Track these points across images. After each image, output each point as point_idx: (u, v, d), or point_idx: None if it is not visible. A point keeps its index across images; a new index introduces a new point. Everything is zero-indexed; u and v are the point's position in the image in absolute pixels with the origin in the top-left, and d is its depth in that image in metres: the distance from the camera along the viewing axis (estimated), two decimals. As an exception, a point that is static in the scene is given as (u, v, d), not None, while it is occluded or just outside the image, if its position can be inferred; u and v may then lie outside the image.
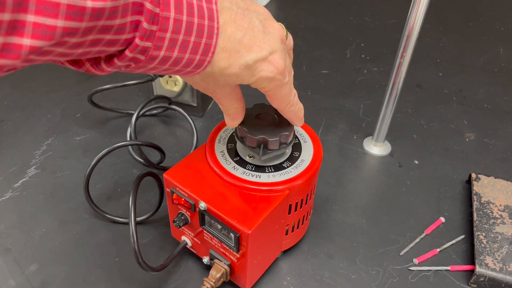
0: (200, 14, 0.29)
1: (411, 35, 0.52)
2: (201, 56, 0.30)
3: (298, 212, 0.45)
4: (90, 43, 0.24)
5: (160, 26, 0.27)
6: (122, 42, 0.26)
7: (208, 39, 0.30)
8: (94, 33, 0.23)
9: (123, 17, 0.24)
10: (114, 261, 0.49)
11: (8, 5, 0.19)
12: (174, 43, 0.28)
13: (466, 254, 0.52)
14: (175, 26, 0.27)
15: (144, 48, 0.27)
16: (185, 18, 0.28)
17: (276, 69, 0.35)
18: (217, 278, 0.43)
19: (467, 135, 0.69)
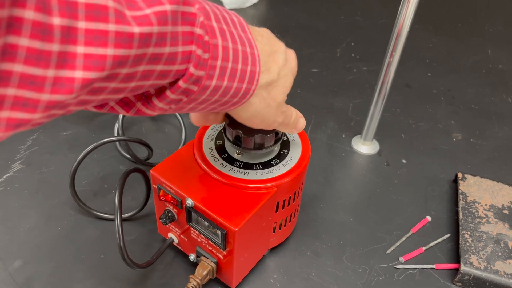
0: (242, 42, 0.29)
1: (401, 34, 0.52)
2: (247, 84, 0.30)
3: (285, 209, 0.45)
4: (142, 75, 0.23)
5: (212, 54, 0.26)
6: (174, 73, 0.25)
7: (252, 66, 0.30)
8: (145, 63, 0.23)
9: (173, 45, 0.24)
10: (100, 258, 0.49)
11: (56, 35, 0.18)
12: (224, 71, 0.28)
13: (451, 252, 0.52)
14: (224, 53, 0.27)
15: (197, 78, 0.26)
16: (231, 45, 0.28)
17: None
18: (203, 276, 0.43)
19: (454, 135, 0.69)
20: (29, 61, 0.18)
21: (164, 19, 0.23)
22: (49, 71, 0.19)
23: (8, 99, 0.18)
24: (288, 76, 0.36)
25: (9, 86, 0.18)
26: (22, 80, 0.18)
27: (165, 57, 0.24)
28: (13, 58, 0.18)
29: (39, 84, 0.19)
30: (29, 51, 0.18)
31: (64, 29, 0.18)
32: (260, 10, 1.00)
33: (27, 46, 0.18)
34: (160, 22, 0.22)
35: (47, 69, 0.19)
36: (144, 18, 0.22)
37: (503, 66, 0.87)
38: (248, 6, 1.00)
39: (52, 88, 0.19)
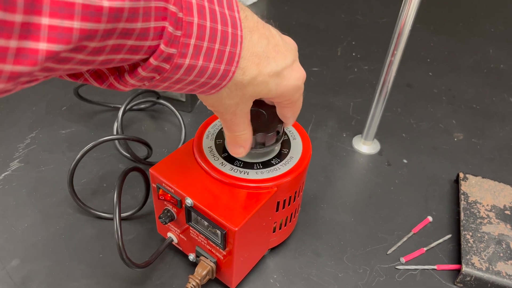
0: (223, 21, 0.28)
1: (402, 33, 0.52)
2: (225, 65, 0.29)
3: (286, 209, 0.45)
4: (112, 49, 0.23)
5: (184, 31, 0.26)
6: (146, 49, 0.25)
7: (232, 47, 0.29)
8: (114, 37, 0.22)
9: (145, 20, 0.23)
10: (99, 257, 0.49)
11: (19, 5, 0.18)
12: (198, 50, 0.27)
13: (452, 253, 0.52)
14: (199, 32, 0.27)
15: (168, 55, 0.26)
16: (208, 24, 0.27)
17: (302, 76, 0.36)
18: (203, 276, 0.42)
19: (455, 134, 0.69)
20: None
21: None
22: (12, 41, 0.18)
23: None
24: (293, 57, 0.36)
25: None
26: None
27: (136, 33, 0.23)
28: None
29: (1, 54, 0.18)
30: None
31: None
32: (260, 8, 1.00)
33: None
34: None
35: (9, 39, 0.18)
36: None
37: (504, 66, 0.87)
38: (248, 5, 0.99)
39: (14, 59, 0.19)
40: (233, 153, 0.40)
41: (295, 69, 0.35)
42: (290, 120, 0.41)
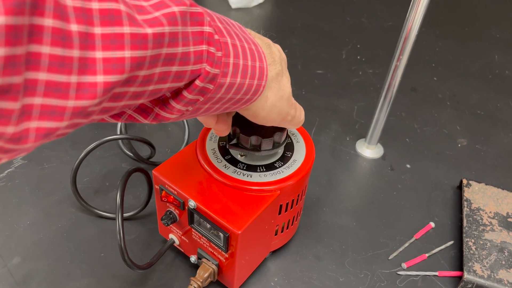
0: (246, 40, 0.31)
1: (408, 38, 0.52)
2: (258, 80, 0.31)
3: (288, 212, 0.45)
4: (159, 77, 0.24)
5: (224, 51, 0.27)
6: (189, 74, 0.26)
7: (260, 62, 0.31)
8: (160, 64, 0.23)
9: (184, 45, 0.24)
10: (100, 256, 0.49)
11: (75, 41, 0.18)
12: (237, 68, 0.29)
13: (454, 260, 0.51)
14: (234, 51, 0.28)
15: (213, 76, 0.27)
16: (238, 43, 0.29)
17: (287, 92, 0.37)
18: (204, 278, 0.42)
19: (459, 140, 0.69)
20: (53, 68, 0.18)
21: (173, 19, 0.23)
22: (72, 77, 0.19)
23: (36, 108, 0.18)
24: (286, 66, 0.37)
25: (35, 95, 0.18)
26: (47, 88, 0.18)
27: (178, 57, 0.24)
28: (37, 67, 0.18)
29: (64, 90, 0.19)
30: (52, 58, 0.18)
31: (82, 35, 0.19)
32: (265, 10, 1.00)
33: (49, 53, 0.18)
34: (171, 23, 0.23)
35: (70, 75, 0.19)
36: (155, 20, 0.22)
37: (509, 72, 0.87)
38: (254, 6, 0.99)
39: (76, 94, 0.19)
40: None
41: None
42: (293, 120, 0.42)
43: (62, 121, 0.20)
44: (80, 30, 0.19)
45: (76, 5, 0.18)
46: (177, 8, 0.23)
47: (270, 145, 0.42)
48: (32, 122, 0.18)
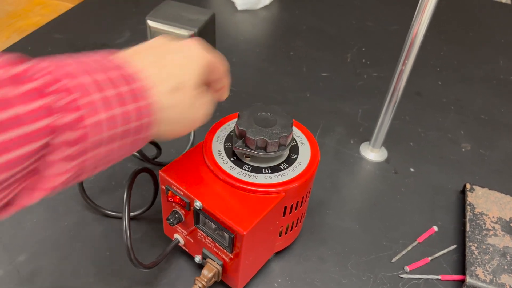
0: (103, 68, 0.29)
1: (414, 43, 0.52)
2: (134, 103, 0.29)
3: (292, 214, 0.45)
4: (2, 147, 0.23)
5: (74, 94, 0.26)
6: (42, 132, 0.24)
7: (132, 84, 0.29)
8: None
9: (16, 105, 0.23)
10: (105, 255, 0.49)
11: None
12: (98, 104, 0.27)
13: (457, 264, 0.52)
14: (83, 89, 0.27)
15: (62, 127, 0.25)
16: (89, 79, 0.27)
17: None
18: (209, 278, 0.43)
19: (463, 145, 0.69)
20: None
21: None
22: None
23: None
24: (195, 66, 0.35)
25: None
26: None
27: (22, 118, 0.24)
28: None
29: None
30: None
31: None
32: (272, 12, 1.00)
33: None
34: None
35: None
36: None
37: (514, 77, 0.87)
38: (260, 8, 1.00)
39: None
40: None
41: (186, 44, 0.36)
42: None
43: None
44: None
45: None
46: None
47: (276, 147, 0.42)
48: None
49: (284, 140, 0.42)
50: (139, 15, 0.93)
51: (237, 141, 0.43)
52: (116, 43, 0.84)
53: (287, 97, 0.75)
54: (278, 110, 0.45)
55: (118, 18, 0.92)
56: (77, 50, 0.81)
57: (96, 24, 0.89)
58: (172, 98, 0.32)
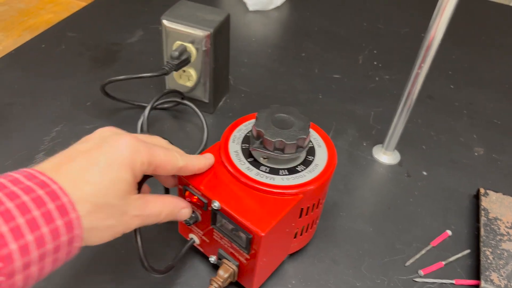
0: (25, 190, 0.29)
1: (431, 46, 0.52)
2: (62, 218, 0.30)
3: (308, 216, 0.45)
4: None
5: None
6: None
7: (56, 201, 0.30)
8: None
9: None
10: (120, 253, 0.49)
11: None
12: (17, 231, 0.27)
13: (471, 269, 0.52)
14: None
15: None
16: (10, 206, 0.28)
17: (125, 144, 0.36)
18: (225, 278, 0.43)
19: (476, 149, 0.69)
20: None
21: None
22: None
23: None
24: (120, 175, 0.34)
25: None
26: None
27: None
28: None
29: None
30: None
31: None
32: (283, 13, 1.00)
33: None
34: None
35: None
36: None
37: (526, 82, 0.87)
38: (271, 9, 1.00)
39: None
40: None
41: (112, 145, 0.35)
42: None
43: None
44: None
45: None
46: None
47: (294, 149, 0.42)
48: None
49: (302, 142, 0.42)
50: (150, 14, 0.93)
51: (255, 142, 0.43)
52: (128, 43, 0.84)
53: (298, 98, 0.75)
54: (296, 112, 0.45)
55: (130, 17, 0.92)
56: (89, 49, 0.81)
57: (108, 23, 0.90)
58: (96, 219, 0.32)
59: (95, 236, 0.33)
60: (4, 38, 0.84)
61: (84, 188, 0.32)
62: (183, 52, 0.61)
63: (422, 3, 1.07)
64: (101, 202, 0.32)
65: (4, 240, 0.27)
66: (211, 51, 0.61)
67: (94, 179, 0.32)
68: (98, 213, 0.32)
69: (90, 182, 0.32)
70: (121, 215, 0.34)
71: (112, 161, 0.33)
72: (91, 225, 0.32)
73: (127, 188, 0.34)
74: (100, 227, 0.33)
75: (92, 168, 0.32)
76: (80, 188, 0.31)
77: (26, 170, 0.31)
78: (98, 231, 0.33)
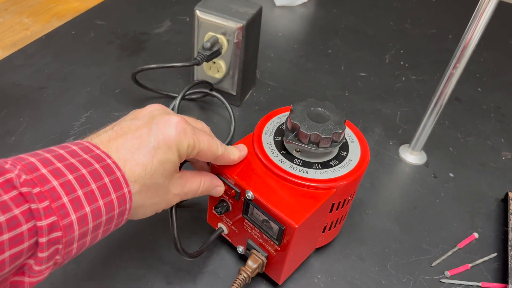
0: (82, 161, 0.30)
1: (468, 47, 0.52)
2: (116, 192, 0.31)
3: (339, 211, 0.45)
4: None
5: (51, 198, 0.27)
6: (27, 234, 0.26)
7: (112, 175, 0.31)
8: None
9: (5, 212, 0.25)
10: (148, 239, 0.50)
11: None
12: (77, 201, 0.28)
13: (497, 272, 0.51)
14: (66, 188, 0.28)
15: (52, 224, 0.27)
16: (71, 176, 0.29)
17: (174, 124, 0.36)
18: (253, 269, 0.43)
19: (504, 153, 0.68)
20: None
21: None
22: None
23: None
24: (166, 156, 0.35)
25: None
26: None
27: (5, 225, 0.25)
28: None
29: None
30: None
31: None
32: (309, 10, 1.00)
33: None
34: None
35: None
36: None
37: (555, 88, 0.85)
38: (298, 5, 1.00)
39: None
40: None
41: (160, 125, 0.35)
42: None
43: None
44: None
45: None
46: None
47: (329, 143, 0.42)
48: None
49: (337, 137, 0.42)
50: (179, 5, 0.93)
51: (289, 134, 0.43)
52: (155, 33, 0.85)
53: (325, 94, 0.75)
54: (331, 106, 0.45)
55: (158, 7, 0.92)
56: (118, 37, 0.82)
57: (137, 12, 0.90)
58: (143, 198, 0.34)
59: (140, 212, 0.35)
60: (32, 23, 0.85)
61: (135, 169, 0.32)
62: (214, 43, 0.61)
63: (450, 4, 1.06)
64: (149, 182, 0.33)
65: (66, 210, 0.27)
66: (242, 44, 0.62)
67: (144, 161, 0.33)
68: (146, 193, 0.34)
69: (139, 164, 0.33)
70: (165, 194, 0.36)
71: (161, 142, 0.34)
72: (139, 203, 0.34)
73: (173, 168, 0.35)
74: (146, 204, 0.35)
75: (142, 149, 0.33)
76: (131, 169, 0.32)
77: (81, 143, 0.32)
78: (143, 208, 0.35)
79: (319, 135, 0.41)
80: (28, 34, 0.83)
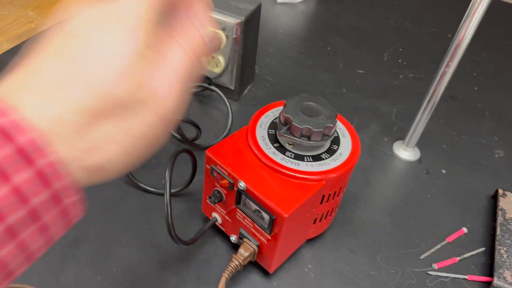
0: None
1: (460, 45, 0.53)
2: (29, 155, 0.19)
3: (329, 203, 0.46)
4: None
5: None
6: None
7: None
8: None
9: None
10: (145, 227, 0.51)
11: None
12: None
13: (484, 266, 0.52)
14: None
15: None
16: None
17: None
18: (245, 257, 0.44)
19: (496, 151, 0.69)
20: None
21: None
22: None
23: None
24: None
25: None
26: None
27: None
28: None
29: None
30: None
31: None
32: (310, 7, 1.01)
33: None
34: None
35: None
36: None
37: (551, 88, 0.86)
38: (299, 2, 1.01)
39: None
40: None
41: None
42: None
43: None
44: None
45: None
46: None
47: (320, 137, 0.43)
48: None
49: (328, 131, 0.44)
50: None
51: (282, 128, 0.44)
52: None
53: (322, 91, 0.76)
54: (324, 101, 0.46)
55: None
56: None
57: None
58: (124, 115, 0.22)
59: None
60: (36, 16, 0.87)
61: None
62: (214, 39, 0.62)
63: (451, 4, 1.07)
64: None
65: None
66: (241, 39, 0.63)
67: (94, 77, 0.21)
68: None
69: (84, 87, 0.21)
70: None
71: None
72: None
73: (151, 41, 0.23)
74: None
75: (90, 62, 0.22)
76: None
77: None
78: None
79: (311, 129, 0.42)
80: (33, 27, 0.84)
